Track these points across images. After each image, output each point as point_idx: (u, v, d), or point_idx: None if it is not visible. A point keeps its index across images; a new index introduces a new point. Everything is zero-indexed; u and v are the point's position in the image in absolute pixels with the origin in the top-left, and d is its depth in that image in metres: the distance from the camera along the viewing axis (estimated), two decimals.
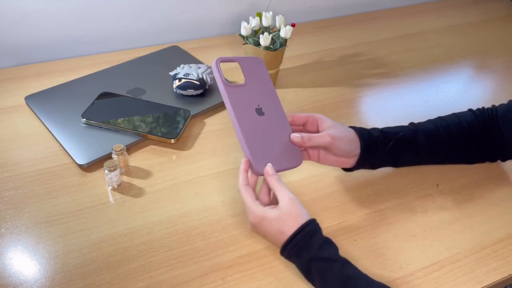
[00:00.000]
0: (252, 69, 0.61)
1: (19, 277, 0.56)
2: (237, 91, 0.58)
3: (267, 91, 0.61)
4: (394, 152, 0.65)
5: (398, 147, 0.65)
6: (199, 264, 0.58)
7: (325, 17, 1.20)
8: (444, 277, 0.59)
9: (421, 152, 0.67)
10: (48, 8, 0.90)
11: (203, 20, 1.06)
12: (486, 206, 0.69)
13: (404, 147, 0.65)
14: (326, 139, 0.59)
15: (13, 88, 0.85)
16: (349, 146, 0.62)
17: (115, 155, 0.67)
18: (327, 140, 0.59)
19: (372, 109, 0.87)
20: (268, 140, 0.58)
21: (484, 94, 0.95)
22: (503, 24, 1.23)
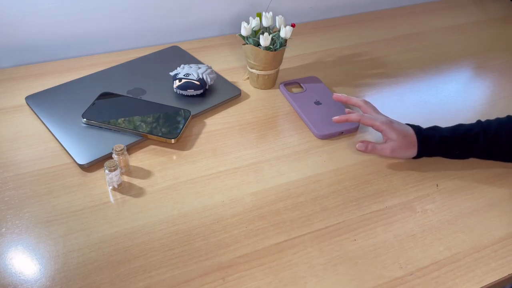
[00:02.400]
0: (309, 83, 0.87)
1: (20, 277, 0.56)
2: (299, 95, 0.82)
3: (322, 91, 0.82)
4: (448, 146, 0.72)
5: (452, 145, 0.72)
6: (199, 263, 0.58)
7: (325, 17, 1.20)
8: (444, 277, 0.59)
9: (474, 146, 0.71)
10: (48, 8, 0.90)
11: (203, 20, 1.06)
12: (486, 206, 0.69)
13: (459, 144, 0.71)
14: (386, 152, 0.71)
15: (13, 88, 0.85)
16: (407, 154, 0.72)
17: (116, 155, 0.67)
18: (386, 153, 0.72)
19: None
20: (327, 117, 0.78)
21: (484, 94, 0.95)
22: (503, 24, 1.23)
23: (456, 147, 0.71)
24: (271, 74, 0.88)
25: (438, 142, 0.70)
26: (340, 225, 0.64)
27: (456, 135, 0.70)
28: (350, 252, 0.61)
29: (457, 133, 0.71)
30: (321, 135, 0.78)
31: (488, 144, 0.70)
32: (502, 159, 0.73)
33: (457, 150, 0.71)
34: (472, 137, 0.70)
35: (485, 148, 0.70)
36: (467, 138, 0.70)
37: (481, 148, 0.70)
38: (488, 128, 0.70)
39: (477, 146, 0.70)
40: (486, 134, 0.70)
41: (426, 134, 0.71)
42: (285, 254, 0.60)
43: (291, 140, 0.78)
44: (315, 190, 0.69)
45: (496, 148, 0.70)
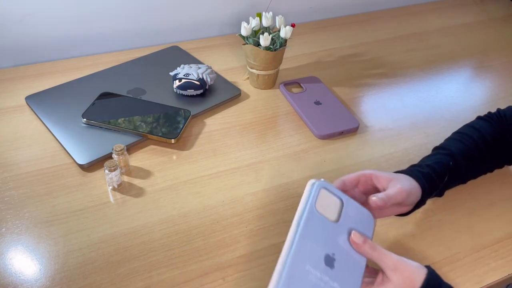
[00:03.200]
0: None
1: (20, 276, 0.56)
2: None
3: (322, 91, 0.52)
4: (442, 189, 0.64)
5: (447, 182, 0.63)
6: (199, 263, 0.58)
7: (325, 17, 1.20)
8: (443, 276, 0.58)
9: (463, 175, 0.66)
10: (48, 8, 0.90)
11: (203, 20, 1.07)
12: (486, 206, 0.69)
13: (451, 179, 0.63)
14: (402, 195, 0.54)
15: (13, 88, 0.85)
16: (416, 197, 0.58)
17: (116, 155, 0.67)
18: (403, 196, 0.54)
19: (372, 109, 0.87)
20: (327, 117, 0.52)
21: (484, 94, 0.95)
22: (503, 24, 1.23)
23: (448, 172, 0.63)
24: (271, 74, 0.88)
25: (433, 174, 0.61)
26: None
27: (439, 160, 0.63)
28: None
29: (437, 158, 0.64)
30: (321, 135, 0.78)
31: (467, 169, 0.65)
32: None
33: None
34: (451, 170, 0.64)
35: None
36: (448, 159, 0.64)
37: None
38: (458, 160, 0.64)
39: (459, 166, 0.64)
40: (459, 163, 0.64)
41: (422, 172, 0.61)
42: None
43: (291, 140, 0.78)
44: None
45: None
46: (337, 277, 0.44)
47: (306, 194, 0.48)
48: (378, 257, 0.47)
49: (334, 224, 0.47)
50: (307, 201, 0.47)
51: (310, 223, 0.46)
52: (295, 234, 0.45)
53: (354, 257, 0.47)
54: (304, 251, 0.44)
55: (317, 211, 0.47)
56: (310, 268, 0.44)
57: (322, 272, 0.44)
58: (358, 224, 0.49)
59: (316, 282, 0.43)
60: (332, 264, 0.45)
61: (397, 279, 0.46)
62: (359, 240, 0.47)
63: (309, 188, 0.49)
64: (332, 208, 0.48)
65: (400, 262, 0.47)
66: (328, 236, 0.46)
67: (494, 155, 0.68)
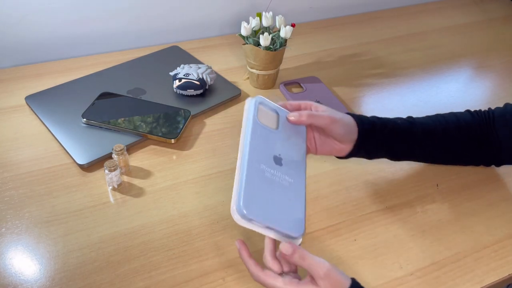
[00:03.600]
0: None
1: (19, 277, 0.56)
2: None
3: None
4: (390, 139, 0.63)
5: (393, 135, 0.63)
6: (199, 263, 0.58)
7: (325, 17, 1.20)
8: (444, 277, 0.59)
9: (416, 144, 0.65)
10: (48, 8, 0.90)
11: (203, 20, 1.07)
12: (486, 206, 0.69)
13: (399, 136, 0.64)
14: (326, 120, 0.58)
15: (13, 88, 0.85)
16: (346, 129, 0.60)
17: (115, 155, 0.67)
18: (326, 121, 0.58)
19: (372, 109, 0.87)
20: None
21: (484, 94, 0.95)
22: (503, 24, 1.23)
23: (396, 129, 0.64)
24: (271, 74, 0.88)
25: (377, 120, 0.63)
26: (340, 225, 0.64)
27: (395, 119, 0.64)
28: (350, 252, 0.61)
29: (396, 119, 0.65)
30: None
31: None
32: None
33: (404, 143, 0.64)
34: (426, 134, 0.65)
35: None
36: (405, 121, 0.65)
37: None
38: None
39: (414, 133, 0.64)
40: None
41: (363, 115, 0.63)
42: None
43: None
44: (315, 190, 0.69)
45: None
46: (287, 172, 0.53)
47: (248, 109, 0.56)
48: (308, 266, 0.48)
49: (275, 131, 0.56)
50: (250, 114, 0.55)
51: (256, 132, 0.53)
52: (246, 142, 0.52)
53: (296, 155, 0.56)
54: (256, 154, 0.52)
55: (260, 122, 0.55)
56: (264, 167, 0.51)
57: (274, 169, 0.52)
58: (293, 127, 0.58)
59: (271, 177, 0.51)
60: (280, 162, 0.53)
61: (324, 285, 0.48)
62: (288, 251, 0.48)
63: (249, 104, 0.57)
64: (271, 119, 0.57)
65: (330, 271, 0.48)
66: (272, 141, 0.55)
67: (467, 146, 0.67)
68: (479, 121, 0.67)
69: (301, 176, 0.54)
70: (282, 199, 0.50)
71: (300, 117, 0.57)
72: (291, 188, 0.52)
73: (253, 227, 0.49)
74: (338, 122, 0.59)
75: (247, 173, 0.49)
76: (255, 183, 0.49)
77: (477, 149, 0.68)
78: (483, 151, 0.68)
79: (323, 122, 0.58)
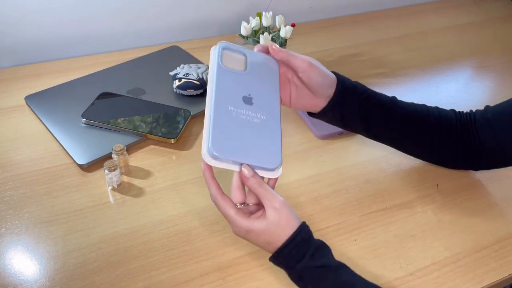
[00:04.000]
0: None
1: (19, 277, 0.56)
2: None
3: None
4: (368, 107, 0.61)
5: (373, 104, 0.61)
6: (199, 264, 0.58)
7: (325, 17, 1.20)
8: (444, 277, 0.59)
9: (393, 121, 0.63)
10: (48, 8, 0.90)
11: (203, 20, 1.06)
12: (486, 206, 0.69)
13: (378, 107, 0.62)
14: (304, 63, 0.56)
15: (13, 88, 0.85)
16: (324, 80, 0.58)
17: (115, 155, 0.67)
18: (304, 64, 0.56)
19: None
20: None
21: (484, 94, 0.95)
22: (503, 24, 1.23)
23: (376, 100, 0.62)
24: None
25: (358, 84, 0.61)
26: (340, 225, 0.64)
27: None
28: (350, 252, 0.61)
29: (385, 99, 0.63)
30: (321, 135, 0.78)
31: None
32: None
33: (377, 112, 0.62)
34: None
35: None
36: (388, 97, 0.63)
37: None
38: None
39: (395, 111, 0.63)
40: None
41: (345, 76, 0.61)
42: None
43: (291, 140, 0.78)
44: (315, 190, 0.69)
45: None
46: (258, 110, 0.53)
47: (212, 58, 0.56)
48: (263, 194, 0.50)
49: (243, 72, 0.56)
50: (214, 61, 0.55)
51: (221, 77, 0.54)
52: (212, 87, 0.53)
53: (267, 93, 0.56)
54: (222, 97, 0.52)
55: (225, 66, 0.55)
56: (232, 108, 0.52)
57: (243, 109, 0.53)
58: (264, 67, 0.57)
59: (240, 116, 0.52)
60: (250, 102, 0.54)
61: (273, 218, 0.49)
62: (248, 174, 0.50)
63: (212, 52, 0.56)
64: (238, 62, 0.56)
65: (283, 205, 0.50)
66: (240, 83, 0.55)
67: (444, 142, 0.65)
68: (460, 121, 0.66)
69: (275, 111, 0.54)
70: (253, 136, 0.51)
71: (279, 50, 0.56)
72: (264, 124, 0.53)
73: (227, 166, 0.50)
74: (316, 69, 0.57)
75: (214, 116, 0.50)
76: (223, 124, 0.50)
77: (454, 149, 0.66)
78: (461, 152, 0.66)
79: (301, 65, 0.56)
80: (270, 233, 0.50)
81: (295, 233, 0.50)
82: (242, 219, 0.50)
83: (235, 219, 0.50)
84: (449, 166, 0.72)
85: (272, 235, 0.50)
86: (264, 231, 0.49)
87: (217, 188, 0.52)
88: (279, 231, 0.50)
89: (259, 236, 0.50)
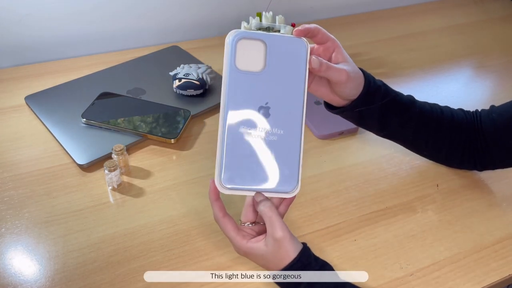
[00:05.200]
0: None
1: (19, 277, 0.56)
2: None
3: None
4: (387, 114, 0.61)
5: (391, 111, 0.61)
6: (199, 264, 0.58)
7: (325, 17, 1.20)
8: (444, 277, 0.59)
9: (409, 124, 0.63)
10: (48, 8, 0.90)
11: (203, 20, 1.06)
12: (486, 206, 0.69)
13: (397, 113, 0.61)
14: (342, 77, 0.51)
15: (13, 88, 0.85)
16: (355, 91, 0.55)
17: (115, 155, 0.67)
18: (342, 78, 0.51)
19: None
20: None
21: (484, 94, 0.95)
22: (503, 24, 1.23)
23: (395, 101, 0.61)
24: None
25: (382, 86, 0.60)
26: (340, 225, 0.64)
27: (398, 92, 0.62)
28: (350, 252, 0.61)
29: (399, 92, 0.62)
30: (321, 135, 0.78)
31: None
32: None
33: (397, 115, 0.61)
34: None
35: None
36: (407, 97, 0.63)
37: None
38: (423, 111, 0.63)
39: (412, 112, 0.62)
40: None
41: (372, 76, 0.59)
42: None
43: None
44: (315, 190, 0.69)
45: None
46: (275, 123, 0.47)
47: (225, 55, 0.47)
48: (268, 220, 0.49)
49: (260, 73, 0.47)
50: (226, 61, 0.47)
51: (234, 84, 0.47)
52: (224, 100, 0.47)
53: (289, 97, 0.48)
54: (235, 115, 0.47)
55: (238, 68, 0.47)
56: (245, 129, 0.47)
57: (259, 126, 0.47)
58: (288, 57, 0.48)
59: (254, 138, 0.47)
60: (267, 113, 0.47)
61: (272, 248, 0.48)
62: (258, 199, 0.49)
63: (226, 47, 0.47)
64: (256, 56, 0.47)
65: (284, 238, 0.48)
66: (256, 89, 0.47)
67: (456, 143, 0.66)
68: (469, 121, 0.66)
69: (296, 122, 0.48)
70: (269, 158, 0.48)
71: (319, 70, 0.49)
72: (281, 142, 0.48)
73: (242, 193, 0.48)
74: (353, 81, 0.54)
75: (227, 141, 0.47)
76: (236, 150, 0.47)
77: (462, 148, 0.67)
78: (468, 152, 0.67)
79: (338, 78, 0.52)
80: (268, 260, 0.50)
81: (289, 265, 0.49)
82: (242, 241, 0.51)
83: (235, 240, 0.51)
84: (454, 166, 0.72)
85: (269, 263, 0.50)
86: (262, 256, 0.50)
87: (220, 209, 0.52)
88: (276, 261, 0.49)
89: (257, 258, 0.51)
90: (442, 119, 0.65)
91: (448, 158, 0.70)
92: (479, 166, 0.69)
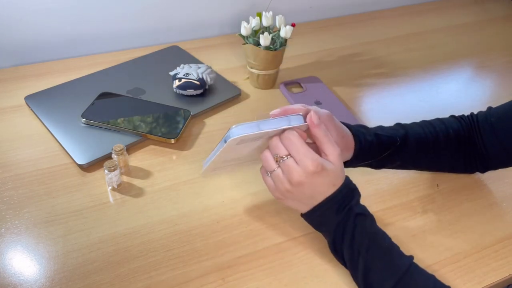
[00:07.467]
0: (309, 83, 0.55)
1: (19, 277, 0.56)
2: (299, 95, 0.53)
3: (322, 91, 0.53)
4: (382, 162, 0.64)
5: (387, 159, 0.64)
6: (199, 264, 0.58)
7: (325, 17, 1.20)
8: (444, 277, 0.59)
9: (408, 157, 0.65)
10: (48, 8, 0.90)
11: (203, 20, 1.06)
12: (486, 206, 0.69)
13: (394, 153, 0.63)
14: (335, 153, 0.54)
15: (13, 88, 0.85)
16: (347, 154, 0.60)
17: (115, 155, 0.67)
18: (334, 155, 0.54)
19: (372, 109, 0.87)
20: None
21: (484, 94, 0.95)
22: (503, 24, 1.23)
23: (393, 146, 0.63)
24: (271, 74, 0.88)
25: (375, 139, 0.61)
26: None
27: (391, 134, 0.63)
28: None
29: (392, 132, 0.64)
30: None
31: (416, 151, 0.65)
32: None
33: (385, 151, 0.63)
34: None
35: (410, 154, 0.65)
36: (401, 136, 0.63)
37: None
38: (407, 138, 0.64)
39: (408, 147, 0.64)
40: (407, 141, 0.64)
41: (361, 131, 0.61)
42: (285, 254, 0.60)
43: None
44: None
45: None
46: None
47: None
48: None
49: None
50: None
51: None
52: None
53: None
54: None
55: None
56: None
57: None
58: None
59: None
60: None
61: (339, 162, 0.54)
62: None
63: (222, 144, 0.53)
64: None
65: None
66: None
67: (455, 154, 0.67)
68: (466, 127, 0.67)
69: None
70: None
71: (317, 125, 0.54)
72: None
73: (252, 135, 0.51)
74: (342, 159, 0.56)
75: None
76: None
77: (463, 157, 0.68)
78: (469, 158, 0.68)
79: (331, 153, 0.55)
80: (337, 175, 0.53)
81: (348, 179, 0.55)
82: (317, 155, 0.52)
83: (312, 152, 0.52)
84: (458, 172, 0.73)
85: (338, 177, 0.54)
86: (334, 171, 0.53)
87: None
88: (342, 174, 0.54)
89: (329, 174, 0.52)
90: (438, 140, 0.65)
91: (452, 169, 0.72)
92: (481, 169, 0.70)
